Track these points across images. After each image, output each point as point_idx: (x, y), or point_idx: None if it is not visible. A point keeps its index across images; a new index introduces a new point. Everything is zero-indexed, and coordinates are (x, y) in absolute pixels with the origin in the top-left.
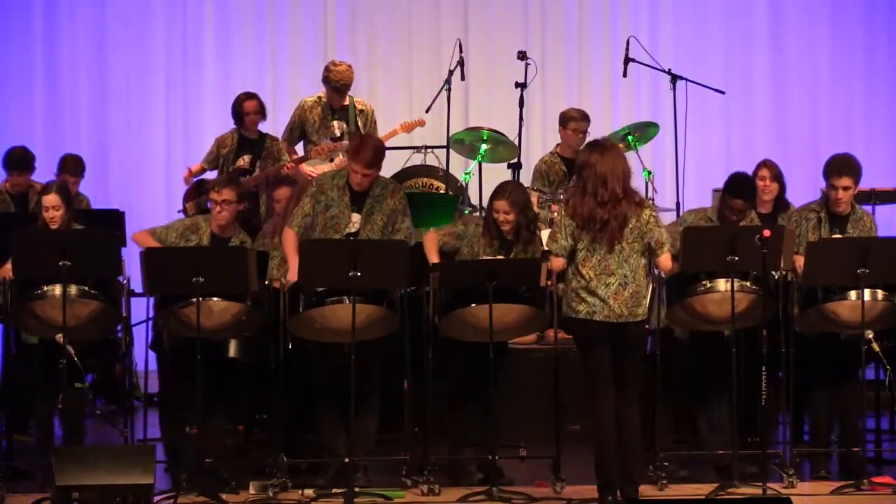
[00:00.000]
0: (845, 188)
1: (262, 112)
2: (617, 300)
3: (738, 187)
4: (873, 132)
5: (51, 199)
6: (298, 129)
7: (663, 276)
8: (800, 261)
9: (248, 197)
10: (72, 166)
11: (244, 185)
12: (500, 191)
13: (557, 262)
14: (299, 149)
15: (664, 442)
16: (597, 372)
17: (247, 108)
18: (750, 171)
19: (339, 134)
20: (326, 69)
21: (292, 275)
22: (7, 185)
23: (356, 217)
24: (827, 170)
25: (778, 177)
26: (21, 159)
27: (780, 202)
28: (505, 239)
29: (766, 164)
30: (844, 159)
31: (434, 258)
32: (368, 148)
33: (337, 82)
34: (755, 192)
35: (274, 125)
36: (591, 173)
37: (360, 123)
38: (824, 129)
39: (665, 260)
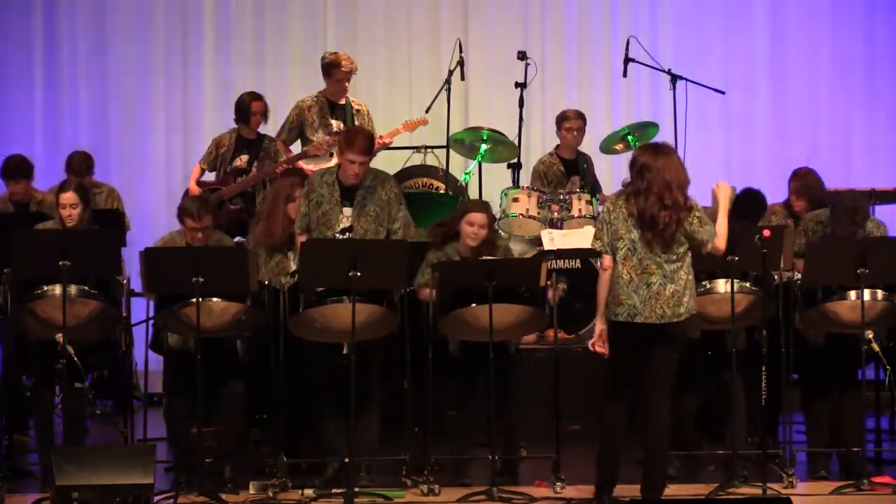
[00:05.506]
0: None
1: (266, 114)
2: (659, 300)
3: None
4: (874, 132)
5: (68, 196)
6: (297, 129)
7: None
8: (799, 265)
9: (244, 196)
10: (77, 166)
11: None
12: (473, 204)
13: (607, 259)
14: (295, 149)
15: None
16: (618, 371)
17: (254, 109)
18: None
19: (337, 132)
20: (331, 61)
21: None
22: (7, 195)
23: (348, 211)
24: (837, 212)
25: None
26: (19, 167)
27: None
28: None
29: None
30: (857, 205)
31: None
32: (361, 136)
33: (344, 69)
34: None
35: (273, 125)
36: (656, 177)
37: (357, 123)
38: (824, 129)
39: (716, 245)
